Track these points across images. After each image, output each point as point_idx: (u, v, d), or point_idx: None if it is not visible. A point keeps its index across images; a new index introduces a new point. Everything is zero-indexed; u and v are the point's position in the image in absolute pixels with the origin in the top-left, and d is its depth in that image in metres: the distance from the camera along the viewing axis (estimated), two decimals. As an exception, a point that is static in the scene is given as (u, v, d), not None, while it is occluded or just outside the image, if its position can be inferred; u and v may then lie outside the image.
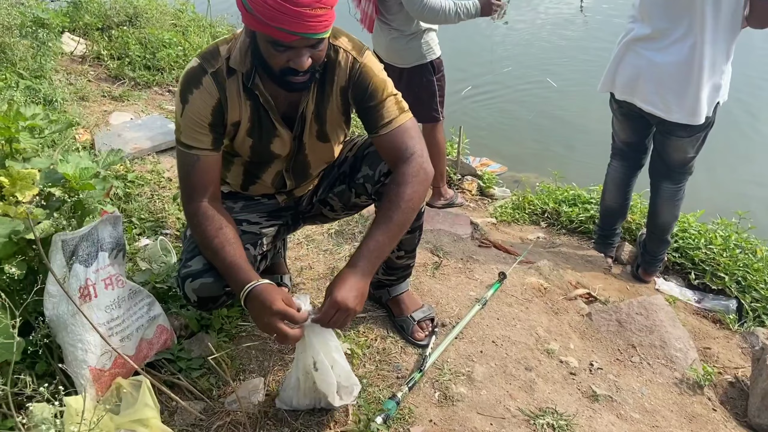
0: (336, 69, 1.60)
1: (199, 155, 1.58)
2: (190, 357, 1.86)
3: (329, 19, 1.41)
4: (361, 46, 1.63)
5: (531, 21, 8.11)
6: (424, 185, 1.60)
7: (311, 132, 1.69)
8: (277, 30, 1.36)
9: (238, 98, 1.58)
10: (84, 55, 4.84)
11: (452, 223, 2.81)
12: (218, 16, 6.13)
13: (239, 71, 1.56)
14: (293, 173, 1.79)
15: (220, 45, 1.57)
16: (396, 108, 1.62)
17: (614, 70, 2.63)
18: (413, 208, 1.58)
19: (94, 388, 1.66)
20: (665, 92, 2.47)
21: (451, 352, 1.95)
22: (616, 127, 2.90)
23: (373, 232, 1.54)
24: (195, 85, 1.54)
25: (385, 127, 1.60)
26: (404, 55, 3.12)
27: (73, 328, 1.65)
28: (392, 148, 1.61)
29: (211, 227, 1.56)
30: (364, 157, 1.78)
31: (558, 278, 2.54)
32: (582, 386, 1.94)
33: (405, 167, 1.57)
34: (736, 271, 3.04)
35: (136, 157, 3.10)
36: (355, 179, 1.80)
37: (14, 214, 1.68)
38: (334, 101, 1.65)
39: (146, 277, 2.08)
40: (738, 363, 2.43)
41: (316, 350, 1.55)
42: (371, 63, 1.61)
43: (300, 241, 2.50)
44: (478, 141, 4.77)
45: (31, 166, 1.74)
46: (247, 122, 1.62)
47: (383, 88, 1.61)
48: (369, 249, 1.52)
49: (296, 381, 1.64)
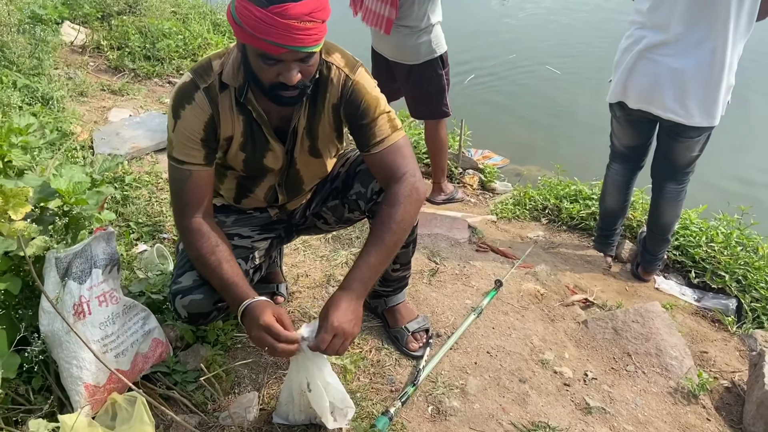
0: (328, 86, 1.59)
1: (192, 170, 1.58)
2: (185, 369, 1.87)
3: (319, 33, 1.39)
4: (354, 62, 1.61)
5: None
6: (416, 205, 1.60)
7: (303, 147, 1.68)
8: (266, 43, 1.34)
9: (231, 113, 1.57)
10: (84, 45, 4.82)
11: (450, 227, 2.80)
12: (219, 2, 6.08)
13: (232, 86, 1.54)
14: (286, 187, 1.78)
15: (213, 60, 1.56)
16: (389, 126, 1.60)
17: (625, 79, 2.55)
18: (405, 229, 1.58)
19: (90, 405, 1.68)
20: (687, 98, 2.44)
21: (446, 364, 1.96)
22: (617, 133, 2.84)
23: (366, 253, 1.54)
24: (187, 100, 1.53)
25: (378, 146, 1.59)
26: (415, 51, 3.11)
27: (68, 345, 1.67)
28: (384, 167, 1.60)
29: (206, 244, 1.56)
30: (357, 174, 1.77)
31: (555, 283, 2.54)
32: (576, 398, 1.95)
33: (397, 187, 1.57)
34: (736, 269, 3.02)
35: (134, 157, 3.10)
36: (348, 195, 1.80)
37: (7, 232, 1.68)
38: (326, 118, 1.64)
39: (142, 287, 2.08)
40: (735, 366, 2.43)
41: (310, 372, 1.56)
42: (364, 80, 1.60)
43: (297, 247, 2.50)
44: (481, 132, 4.73)
45: (24, 183, 1.73)
46: (240, 137, 1.62)
47: (376, 105, 1.59)
48: (362, 271, 1.52)
49: (290, 396, 1.65)
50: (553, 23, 7.28)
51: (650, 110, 2.53)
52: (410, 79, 3.22)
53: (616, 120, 2.79)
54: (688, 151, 2.66)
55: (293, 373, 1.60)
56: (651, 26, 2.42)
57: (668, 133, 2.63)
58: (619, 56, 2.58)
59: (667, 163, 2.74)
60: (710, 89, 2.41)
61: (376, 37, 3.22)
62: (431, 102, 3.29)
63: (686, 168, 2.74)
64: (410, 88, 3.27)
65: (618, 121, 2.77)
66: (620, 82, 2.57)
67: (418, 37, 3.07)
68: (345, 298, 1.49)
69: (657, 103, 2.49)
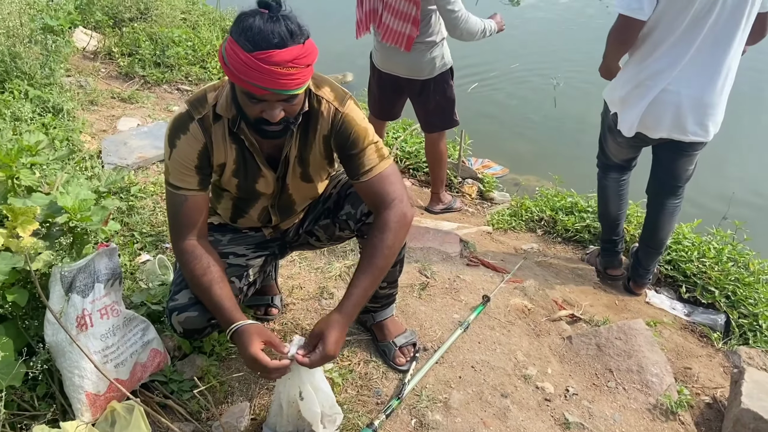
0: (319, 118, 1.67)
1: (187, 195, 1.67)
2: (182, 379, 1.97)
3: (302, 78, 1.46)
4: (344, 95, 1.69)
5: (547, 9, 8.04)
6: (404, 230, 1.69)
7: (295, 174, 1.77)
8: (250, 84, 1.43)
9: (224, 142, 1.67)
10: (96, 51, 4.94)
11: (442, 241, 2.88)
12: (228, 8, 6.17)
13: (225, 117, 1.63)
14: (278, 209, 1.88)
15: (209, 92, 1.65)
16: (376, 156, 1.69)
17: (639, 113, 2.54)
18: (394, 253, 1.68)
19: (90, 412, 1.78)
20: (706, 120, 2.52)
21: (431, 378, 2.04)
22: (615, 152, 2.86)
23: (359, 278, 1.63)
24: (182, 130, 1.63)
25: (366, 174, 1.68)
26: (428, 65, 3.23)
27: (71, 355, 1.77)
28: (374, 194, 1.69)
29: (199, 266, 1.66)
30: (347, 196, 1.86)
31: (543, 298, 2.61)
32: (555, 413, 2.03)
33: (387, 213, 1.65)
34: (726, 285, 3.07)
35: (140, 167, 3.20)
36: (339, 216, 1.89)
37: (15, 248, 1.79)
38: (317, 148, 1.72)
39: (143, 298, 2.18)
40: (718, 383, 2.49)
41: (302, 380, 1.65)
42: (353, 112, 1.68)
43: (293, 258, 2.59)
44: (482, 141, 4.80)
45: (32, 202, 1.83)
46: (233, 164, 1.71)
47: (364, 136, 1.68)
48: (356, 295, 1.62)
49: (279, 408, 1.74)
50: (562, 32, 7.31)
51: (671, 137, 2.58)
52: (423, 93, 3.33)
53: (616, 144, 2.80)
54: (690, 165, 2.74)
55: (281, 384, 1.69)
56: (668, 60, 2.45)
57: (675, 150, 2.67)
58: (630, 90, 2.56)
59: (670, 178, 2.79)
60: (721, 106, 2.53)
61: (386, 58, 3.30)
62: (443, 113, 3.42)
63: (686, 181, 2.81)
64: (423, 101, 3.38)
65: (619, 145, 2.80)
66: (634, 116, 2.56)
67: (431, 52, 3.20)
68: (341, 323, 1.59)
69: (680, 129, 2.54)
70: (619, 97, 2.60)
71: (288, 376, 1.66)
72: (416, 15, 3.05)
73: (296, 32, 1.42)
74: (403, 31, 3.11)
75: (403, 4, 3.05)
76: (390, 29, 3.15)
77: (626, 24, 2.39)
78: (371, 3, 3.20)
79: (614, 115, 2.66)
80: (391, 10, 3.10)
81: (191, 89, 4.77)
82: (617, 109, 2.63)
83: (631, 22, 2.36)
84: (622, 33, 2.43)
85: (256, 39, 1.38)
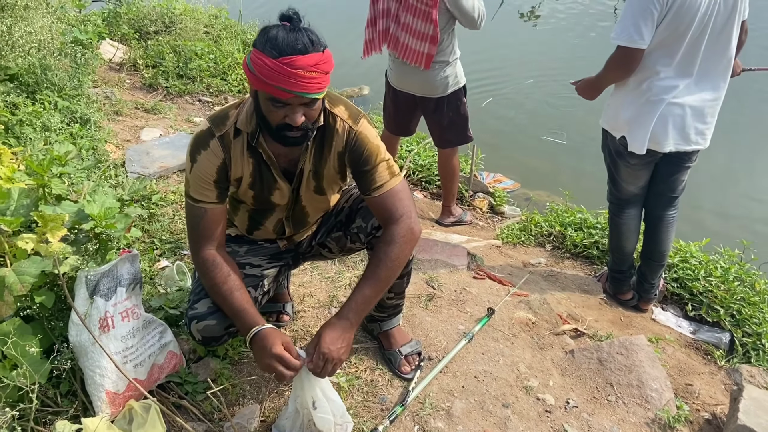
0: (334, 135, 1.77)
1: (206, 208, 1.77)
2: (196, 380, 2.07)
3: (323, 83, 1.58)
4: (357, 114, 1.79)
5: (563, 26, 8.11)
6: (410, 245, 1.77)
7: (308, 186, 1.87)
8: (276, 88, 1.54)
9: (242, 157, 1.77)
10: (122, 63, 5.12)
11: (450, 254, 2.96)
12: (249, 22, 6.34)
13: (245, 131, 1.74)
14: (292, 221, 1.97)
15: (230, 110, 1.76)
16: (387, 173, 1.78)
17: (647, 129, 2.59)
18: (399, 266, 1.76)
19: (110, 409, 1.88)
20: (706, 129, 2.65)
21: (434, 386, 2.12)
22: (628, 180, 2.86)
23: (361, 286, 1.72)
24: (203, 146, 1.73)
25: (377, 190, 1.77)
26: (441, 84, 3.33)
27: (93, 355, 1.87)
28: (383, 209, 1.78)
29: (219, 275, 1.76)
30: (359, 210, 1.96)
31: (547, 312, 2.68)
32: (555, 424, 2.09)
33: (395, 228, 1.75)
34: (732, 304, 3.11)
35: (161, 176, 3.33)
36: (350, 228, 1.98)
37: (45, 252, 1.90)
38: (332, 163, 1.82)
39: (161, 302, 2.29)
40: (719, 399, 2.53)
41: (315, 391, 1.74)
42: (366, 130, 1.78)
43: (305, 267, 2.69)
44: (494, 155, 4.88)
45: (61, 210, 1.95)
46: (249, 177, 1.81)
47: (377, 154, 1.77)
48: (357, 302, 1.71)
49: (295, 412, 1.81)
50: (577, 48, 7.38)
51: (678, 148, 2.65)
52: (437, 110, 3.43)
53: (630, 168, 2.80)
54: (685, 176, 2.83)
55: (298, 390, 1.77)
56: (675, 75, 2.53)
57: (675, 163, 2.74)
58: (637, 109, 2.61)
59: (667, 190, 2.86)
60: (716, 112, 2.66)
61: (401, 77, 3.40)
62: (457, 130, 3.51)
63: (681, 192, 2.90)
64: (437, 119, 3.47)
65: (633, 168, 2.80)
66: (642, 133, 2.61)
67: (444, 71, 3.30)
68: (338, 327, 1.68)
69: (684, 139, 2.63)
70: (626, 119, 2.64)
71: (300, 385, 1.74)
72: (434, 33, 3.14)
73: (316, 41, 1.55)
74: (421, 50, 3.21)
75: (420, 24, 3.15)
76: (409, 48, 3.24)
77: (628, 54, 2.47)
78: (383, 23, 3.30)
79: (622, 138, 2.69)
80: (408, 29, 3.20)
81: (212, 100, 4.92)
82: (624, 131, 2.67)
83: (633, 53, 2.45)
84: (624, 63, 2.52)
85: (281, 46, 1.51)
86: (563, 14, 8.58)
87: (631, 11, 2.42)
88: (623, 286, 3.16)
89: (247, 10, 6.65)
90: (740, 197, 4.86)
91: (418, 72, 3.29)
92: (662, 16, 2.40)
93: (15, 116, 2.95)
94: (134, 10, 5.58)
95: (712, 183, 4.84)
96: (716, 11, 2.42)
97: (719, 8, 2.42)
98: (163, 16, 5.54)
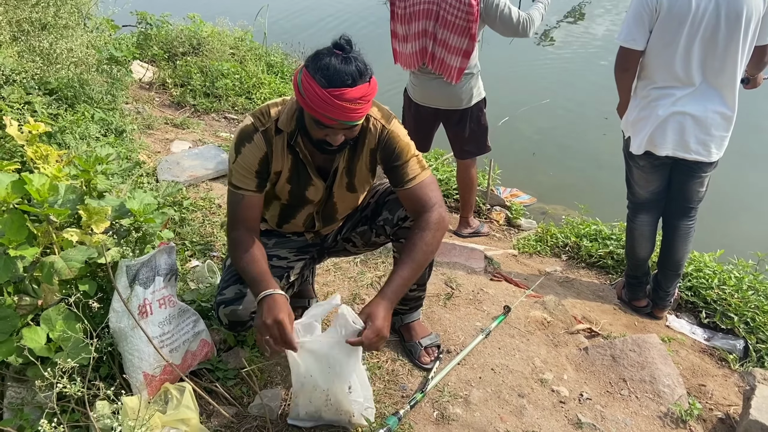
0: (367, 134, 1.90)
1: (244, 195, 1.91)
2: (226, 368, 2.18)
3: (365, 110, 1.71)
4: (389, 114, 1.93)
5: (581, 45, 8.27)
6: (442, 232, 1.89)
7: (341, 183, 2.00)
8: (321, 115, 1.67)
9: (282, 153, 1.90)
10: (151, 82, 5.34)
11: (468, 257, 3.07)
12: (273, 44, 6.57)
13: (285, 131, 1.87)
14: (322, 216, 2.10)
15: (271, 107, 1.89)
16: (418, 166, 1.91)
17: (652, 131, 2.74)
18: (432, 251, 1.88)
19: (147, 391, 2.00)
20: (709, 140, 2.71)
21: (453, 377, 2.21)
22: (641, 182, 2.97)
23: (399, 269, 1.83)
24: (248, 140, 1.87)
25: (410, 183, 1.90)
26: (466, 95, 3.46)
27: (132, 340, 1.99)
28: (416, 200, 1.90)
29: (243, 249, 1.89)
30: (385, 203, 2.09)
31: (562, 313, 2.76)
32: (569, 414, 2.17)
33: (428, 216, 1.86)
34: (746, 312, 3.16)
35: (191, 184, 3.49)
36: (376, 222, 2.10)
37: (89, 242, 2.04)
38: (364, 160, 1.95)
39: (194, 296, 2.42)
40: (732, 401, 2.58)
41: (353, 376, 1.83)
42: (397, 129, 1.91)
43: (329, 268, 2.80)
44: (511, 171, 4.99)
45: (105, 203, 2.09)
46: (287, 172, 1.94)
47: (407, 150, 1.90)
48: (397, 283, 1.81)
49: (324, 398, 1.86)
50: (593, 68, 7.52)
51: (676, 155, 2.76)
52: (461, 122, 3.56)
53: (639, 170, 2.94)
54: (701, 185, 2.90)
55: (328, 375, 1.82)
56: (673, 84, 2.67)
57: (685, 172, 2.84)
58: (638, 113, 2.79)
59: (682, 199, 2.94)
60: (726, 128, 2.73)
61: (425, 91, 3.51)
62: (478, 140, 3.64)
63: (698, 203, 2.96)
64: (459, 131, 3.59)
65: (642, 170, 2.93)
66: (646, 134, 2.77)
67: (469, 83, 3.43)
68: (383, 306, 1.78)
69: (683, 147, 2.73)
70: (630, 120, 2.84)
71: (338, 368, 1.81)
72: (468, 47, 3.26)
73: (363, 72, 1.66)
74: (453, 65, 3.31)
75: (457, 39, 3.25)
76: (444, 63, 3.34)
77: (625, 54, 2.69)
78: (420, 42, 3.35)
79: (628, 139, 2.87)
80: (444, 45, 3.29)
81: (237, 118, 5.11)
82: (630, 132, 2.85)
83: (629, 53, 2.66)
84: (623, 62, 2.72)
85: (331, 77, 1.62)
86: (581, 36, 8.76)
87: (629, 15, 2.64)
88: (638, 292, 3.23)
89: (272, 34, 6.89)
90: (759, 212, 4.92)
91: (443, 86, 3.40)
92: (653, 21, 2.58)
93: (57, 124, 3.14)
94: (163, 33, 5.83)
95: (730, 194, 4.89)
96: (706, 22, 2.51)
97: (710, 19, 2.51)
98: (190, 38, 5.78)
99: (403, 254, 1.86)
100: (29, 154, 2.28)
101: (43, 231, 1.97)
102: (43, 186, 1.90)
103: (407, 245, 1.86)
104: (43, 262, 1.89)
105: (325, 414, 1.92)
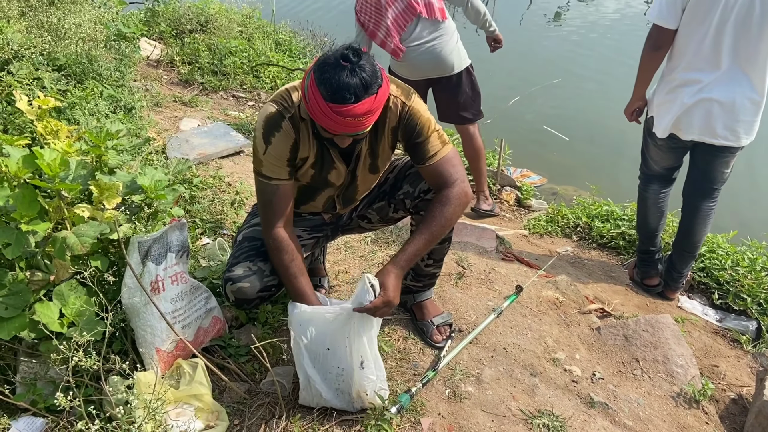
0: (388, 112, 1.85)
1: (279, 185, 1.86)
2: (238, 345, 2.18)
3: (371, 121, 1.67)
4: (409, 90, 1.88)
5: (588, 27, 8.16)
6: (463, 207, 1.87)
7: (365, 165, 1.96)
8: (325, 125, 1.64)
9: (308, 139, 1.86)
10: (159, 60, 5.30)
11: (479, 237, 3.05)
12: (282, 22, 6.51)
13: (308, 119, 1.81)
14: (343, 199, 2.08)
15: (292, 92, 1.82)
16: (439, 142, 1.87)
17: (673, 118, 2.70)
18: (450, 225, 1.87)
19: (160, 367, 2.00)
20: (737, 125, 2.64)
21: (464, 355, 2.20)
22: (656, 158, 2.97)
23: (414, 238, 1.83)
24: (276, 128, 1.80)
25: (432, 158, 1.86)
26: (455, 58, 3.50)
27: (145, 316, 1.99)
28: (438, 175, 1.87)
29: (286, 257, 1.88)
30: (406, 177, 2.07)
31: (574, 293, 2.74)
32: (582, 393, 2.16)
33: (450, 190, 1.84)
34: (759, 293, 3.14)
35: (201, 162, 3.47)
36: (396, 196, 2.08)
37: (101, 218, 2.03)
38: (386, 139, 1.91)
39: (205, 274, 2.41)
40: (745, 382, 2.57)
41: (365, 349, 1.82)
42: (418, 105, 1.86)
43: (339, 247, 2.79)
44: (521, 152, 4.95)
45: (116, 179, 2.08)
46: (313, 158, 1.90)
47: (428, 126, 1.86)
48: (410, 252, 1.82)
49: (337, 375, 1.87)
50: (603, 48, 7.42)
51: (702, 140, 2.71)
52: (456, 87, 3.58)
53: (657, 148, 2.91)
54: (726, 167, 2.83)
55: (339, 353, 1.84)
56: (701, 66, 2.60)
57: (711, 152, 2.78)
58: (663, 96, 2.74)
59: (705, 181, 2.88)
60: (755, 113, 2.64)
61: (414, 65, 3.51)
62: (473, 104, 3.68)
63: (721, 184, 2.90)
64: (455, 96, 3.60)
65: (660, 149, 2.91)
66: (671, 118, 2.72)
67: (451, 43, 3.48)
68: (394, 274, 1.79)
69: (710, 133, 2.67)
70: (655, 102, 2.77)
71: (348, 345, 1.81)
72: None
73: (370, 85, 1.59)
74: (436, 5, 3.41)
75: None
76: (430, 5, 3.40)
77: (657, 33, 2.61)
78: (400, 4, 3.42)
79: (651, 118, 2.82)
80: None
81: (245, 96, 5.07)
82: (654, 113, 2.79)
83: (662, 31, 2.58)
84: (654, 41, 2.64)
85: (335, 92, 1.57)
86: (591, 16, 8.64)
87: None
88: (650, 269, 3.20)
89: (280, 11, 6.82)
90: None
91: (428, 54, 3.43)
92: (685, 2, 2.49)
93: (67, 100, 3.12)
94: (171, 10, 5.77)
95: (745, 175, 4.83)
96: (741, 3, 2.43)
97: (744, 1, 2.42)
98: (198, 15, 5.72)
99: (421, 225, 1.84)
100: (39, 130, 2.26)
101: (54, 206, 1.96)
102: (54, 161, 1.88)
103: (426, 217, 1.84)
104: (56, 238, 1.88)
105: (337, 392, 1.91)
